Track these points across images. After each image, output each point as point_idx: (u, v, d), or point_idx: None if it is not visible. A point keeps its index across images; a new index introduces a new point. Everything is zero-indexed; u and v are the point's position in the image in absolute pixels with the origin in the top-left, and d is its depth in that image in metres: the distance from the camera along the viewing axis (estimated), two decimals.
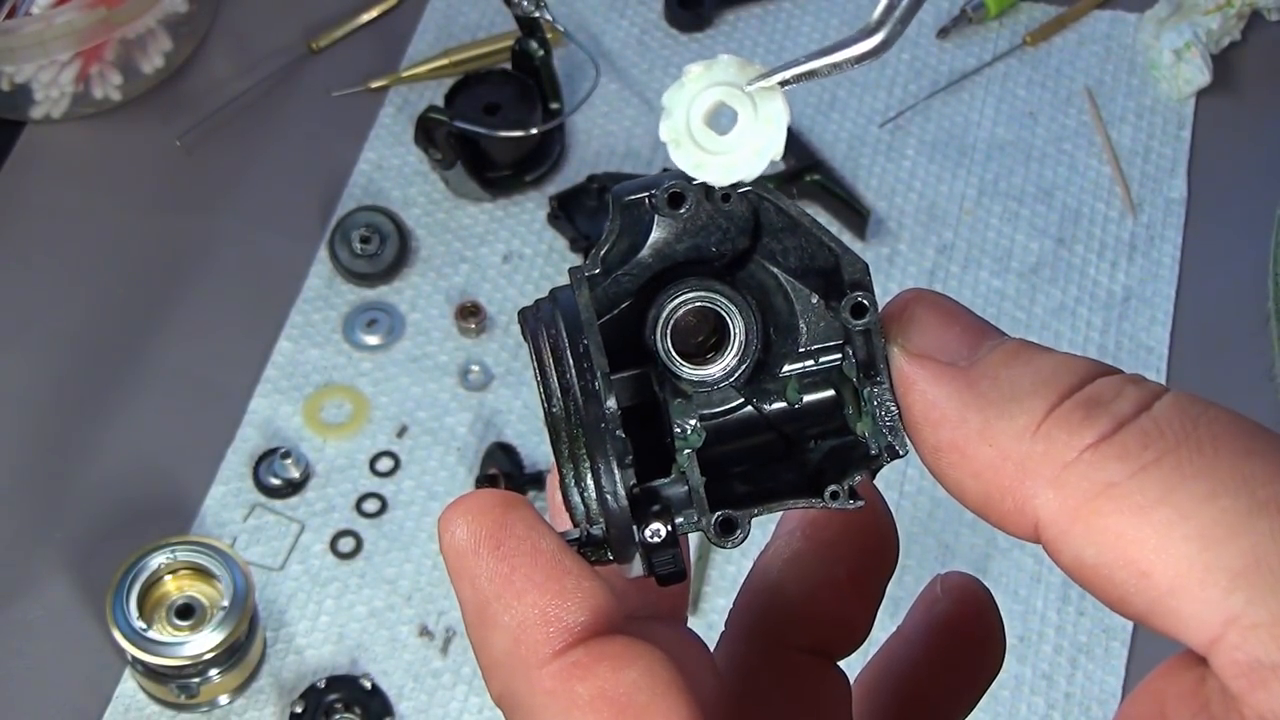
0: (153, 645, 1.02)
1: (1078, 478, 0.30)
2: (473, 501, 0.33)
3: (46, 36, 1.29)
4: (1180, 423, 0.30)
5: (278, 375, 1.22)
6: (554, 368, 0.34)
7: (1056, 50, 1.43)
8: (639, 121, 1.37)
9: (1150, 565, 0.29)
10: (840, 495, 0.33)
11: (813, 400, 0.35)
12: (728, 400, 0.35)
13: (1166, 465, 0.29)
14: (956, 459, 0.32)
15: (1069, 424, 0.30)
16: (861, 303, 0.33)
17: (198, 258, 1.29)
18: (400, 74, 1.39)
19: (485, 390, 1.22)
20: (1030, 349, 0.32)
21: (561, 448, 0.34)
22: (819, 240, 0.34)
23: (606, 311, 0.34)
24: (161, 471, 1.18)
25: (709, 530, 0.33)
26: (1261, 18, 1.43)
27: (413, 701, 1.08)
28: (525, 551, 0.32)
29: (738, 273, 0.34)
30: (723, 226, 0.34)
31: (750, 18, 1.45)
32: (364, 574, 1.14)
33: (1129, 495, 0.29)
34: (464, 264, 1.28)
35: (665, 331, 0.34)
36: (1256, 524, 0.28)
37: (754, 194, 0.34)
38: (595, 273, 0.34)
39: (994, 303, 1.27)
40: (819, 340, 0.34)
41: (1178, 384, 1.22)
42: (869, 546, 0.39)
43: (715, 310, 0.34)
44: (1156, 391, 0.31)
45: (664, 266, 0.34)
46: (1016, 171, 1.35)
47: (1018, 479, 0.30)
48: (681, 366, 0.34)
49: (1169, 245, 1.30)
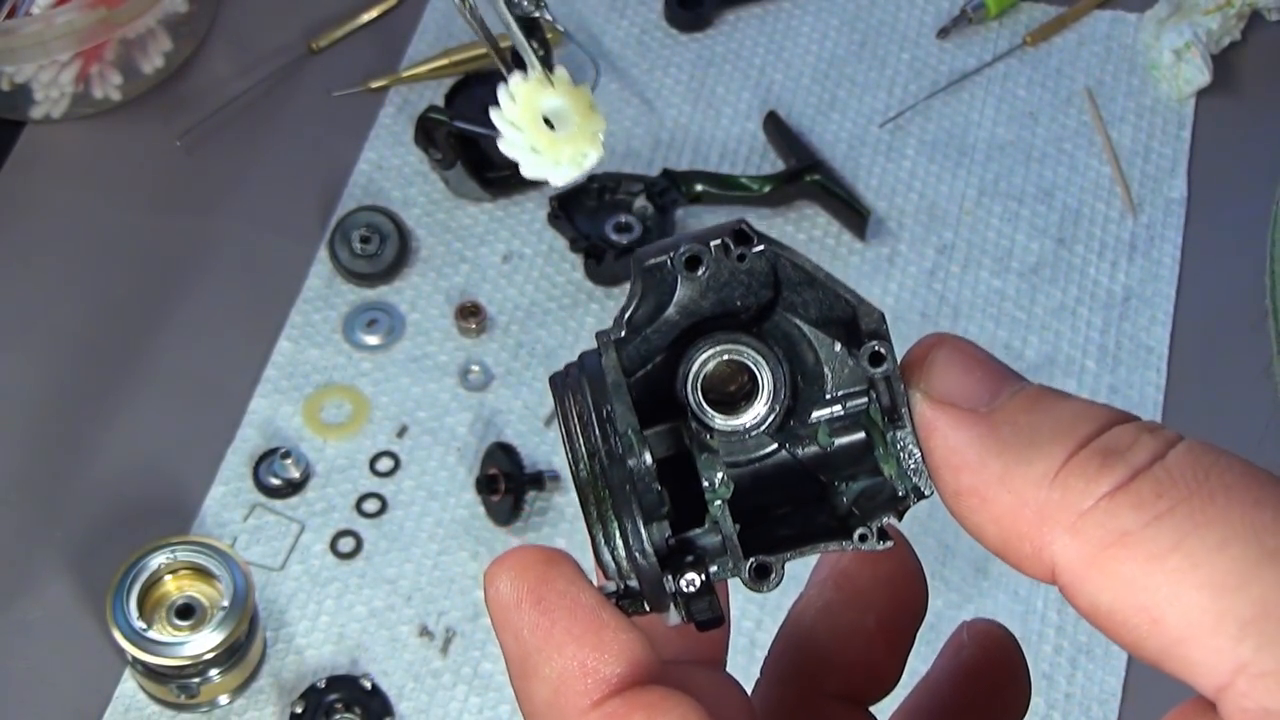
0: (153, 645, 1.02)
1: (1094, 526, 0.30)
2: (517, 558, 0.34)
3: (46, 36, 1.29)
4: (1193, 472, 0.30)
5: (278, 375, 1.22)
6: (580, 432, 0.35)
7: (1056, 50, 1.43)
8: (639, 121, 1.37)
9: (1162, 612, 0.30)
10: (869, 537, 0.35)
11: (844, 444, 0.36)
12: (762, 447, 0.36)
13: (1179, 514, 0.30)
14: (976, 504, 0.33)
15: (1086, 472, 0.31)
16: (879, 351, 0.34)
17: (198, 258, 1.29)
18: (400, 74, 1.39)
19: (485, 390, 1.22)
20: (1050, 396, 0.34)
21: (590, 509, 0.35)
22: (835, 292, 0.35)
23: (638, 368, 0.36)
24: (161, 471, 1.18)
25: (744, 576, 0.34)
26: (1261, 18, 1.43)
27: (413, 701, 1.08)
28: (565, 606, 0.34)
29: (764, 324, 0.36)
30: (744, 282, 0.35)
31: (750, 18, 1.45)
32: (364, 574, 1.14)
33: (1143, 544, 0.30)
34: (464, 264, 1.28)
35: (696, 385, 0.35)
36: (1265, 573, 0.29)
37: (770, 251, 0.35)
38: (620, 336, 0.35)
39: (994, 303, 1.27)
40: (845, 386, 0.36)
41: (1178, 384, 1.22)
42: (897, 596, 0.40)
43: (743, 362, 0.35)
44: (1171, 440, 0.31)
45: (691, 323, 0.35)
46: (1016, 171, 1.35)
47: (1036, 525, 0.31)
48: (714, 418, 0.35)
49: (1169, 245, 1.31)
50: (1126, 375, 1.23)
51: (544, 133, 0.35)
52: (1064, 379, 1.23)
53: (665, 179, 1.29)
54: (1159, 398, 1.22)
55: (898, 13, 1.45)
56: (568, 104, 0.35)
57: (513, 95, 0.35)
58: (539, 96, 0.35)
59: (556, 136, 0.35)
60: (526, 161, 0.35)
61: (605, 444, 0.35)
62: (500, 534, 1.15)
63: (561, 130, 0.35)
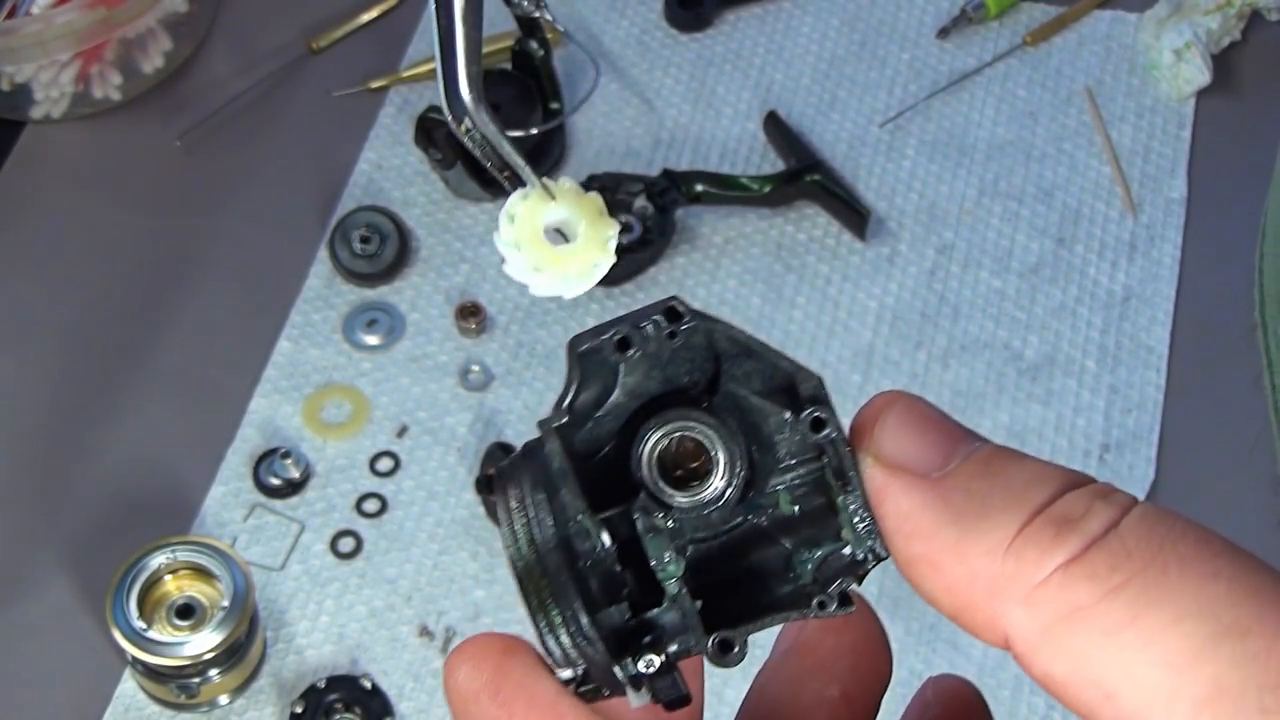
0: (153, 645, 1.02)
1: (1048, 599, 0.30)
2: (475, 647, 0.34)
3: (46, 36, 1.29)
4: (1148, 543, 0.30)
5: (278, 375, 1.22)
6: (518, 521, 0.35)
7: (1056, 50, 1.43)
8: (639, 121, 1.37)
9: (1116, 687, 0.29)
10: (828, 604, 0.34)
11: (806, 511, 0.35)
12: (726, 521, 0.35)
13: (1133, 589, 0.29)
14: (929, 572, 0.32)
15: (1040, 543, 0.31)
16: (819, 417, 0.34)
17: (198, 258, 1.29)
18: (400, 74, 1.39)
19: (485, 390, 1.22)
20: (1002, 458, 0.33)
21: (530, 599, 0.35)
22: (772, 361, 0.35)
23: (594, 454, 0.35)
24: (161, 471, 1.18)
25: (707, 652, 0.34)
26: (1261, 18, 1.43)
27: (413, 701, 1.08)
28: (522, 698, 0.34)
29: (714, 398, 0.35)
30: (686, 358, 0.35)
31: (750, 18, 1.45)
32: (364, 574, 1.14)
33: (1096, 618, 0.29)
34: (464, 264, 1.28)
35: (651, 464, 0.35)
36: (1219, 651, 0.29)
37: (703, 325, 0.35)
38: (562, 422, 0.35)
39: (994, 303, 1.27)
40: (799, 453, 0.35)
41: (1178, 384, 1.22)
42: (860, 665, 0.40)
43: (696, 438, 0.35)
44: (1125, 505, 0.31)
45: (641, 404, 0.35)
46: (1016, 171, 1.35)
47: (989, 596, 0.31)
48: (674, 496, 0.35)
49: (1169, 245, 1.31)
50: (1126, 375, 1.23)
51: (548, 250, 0.35)
52: (1064, 379, 1.23)
53: (665, 179, 1.29)
54: (1159, 398, 1.22)
55: (898, 13, 1.45)
56: (574, 213, 0.35)
57: (511, 216, 0.35)
58: (540, 213, 0.35)
59: (562, 251, 0.35)
60: (532, 283, 0.35)
61: (543, 531, 0.34)
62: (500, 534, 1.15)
63: (569, 242, 0.35)
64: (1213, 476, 1.19)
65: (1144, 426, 1.21)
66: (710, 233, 1.30)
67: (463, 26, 0.33)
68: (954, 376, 1.23)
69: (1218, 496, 1.18)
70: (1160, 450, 1.19)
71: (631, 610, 0.34)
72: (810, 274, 1.29)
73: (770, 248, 1.30)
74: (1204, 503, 1.17)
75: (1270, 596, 0.29)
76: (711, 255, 1.30)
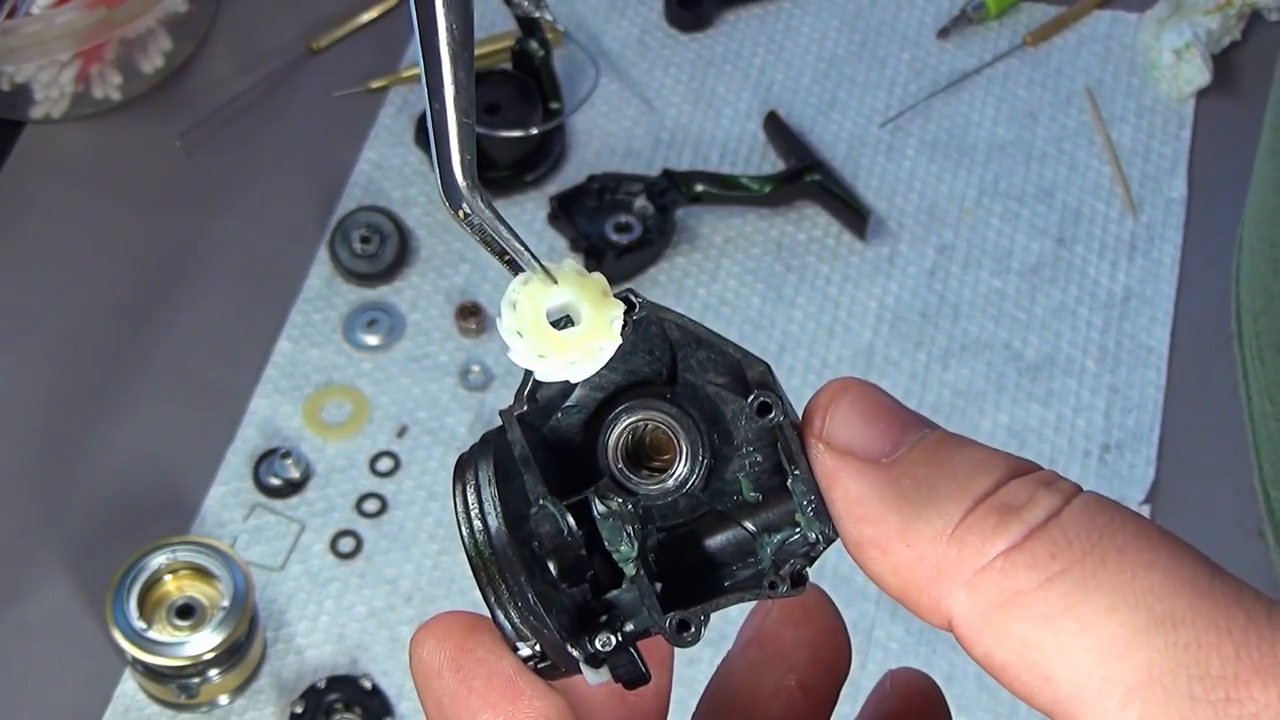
0: (153, 645, 1.02)
1: (989, 584, 0.31)
2: (440, 624, 0.36)
3: (46, 36, 1.29)
4: (1087, 533, 0.31)
5: (278, 375, 1.22)
6: (470, 504, 0.37)
7: (1056, 50, 1.43)
8: (639, 121, 1.37)
9: (1053, 671, 0.31)
10: (779, 584, 0.35)
11: (767, 495, 0.36)
12: (694, 508, 0.37)
13: (1071, 577, 0.30)
14: (877, 555, 0.33)
15: (982, 530, 0.31)
16: (765, 401, 0.35)
17: (198, 258, 1.29)
18: (400, 74, 1.39)
19: (485, 390, 1.22)
20: (950, 445, 0.33)
21: (479, 575, 0.36)
22: (722, 349, 0.36)
23: (563, 444, 0.37)
24: (161, 471, 1.18)
25: (665, 630, 0.35)
26: (1261, 18, 1.43)
27: (413, 701, 1.08)
28: (482, 674, 0.35)
29: (675, 388, 0.37)
30: (645, 349, 0.36)
31: (750, 18, 1.45)
32: (364, 574, 1.14)
33: (1035, 604, 0.31)
34: (464, 264, 1.28)
35: (615, 452, 0.36)
36: (1152, 639, 0.30)
37: (654, 315, 0.36)
38: (522, 410, 0.36)
39: (994, 303, 1.27)
40: (756, 440, 0.36)
41: (1178, 384, 1.22)
42: (819, 656, 0.41)
43: (658, 425, 0.36)
44: (1068, 494, 0.32)
45: (607, 395, 0.37)
46: (1017, 171, 1.35)
47: (933, 580, 0.32)
48: (640, 484, 0.36)
49: (1169, 245, 1.30)
50: (1126, 375, 1.23)
51: (551, 336, 0.36)
52: (1064, 379, 1.23)
53: (665, 179, 1.29)
54: (1159, 398, 1.22)
55: (898, 13, 1.45)
56: (577, 297, 0.36)
57: (513, 303, 0.36)
58: (542, 298, 0.36)
59: (566, 336, 0.36)
60: (537, 369, 0.36)
61: (494, 513, 0.36)
62: None
63: (574, 325, 0.36)
64: (1212, 476, 1.19)
65: (1144, 426, 1.21)
66: (710, 233, 1.30)
67: (455, 114, 0.34)
68: (954, 376, 1.23)
69: (1217, 496, 1.18)
70: (1160, 450, 1.19)
71: (594, 592, 0.36)
72: (810, 274, 1.29)
73: (770, 248, 1.30)
74: (1204, 502, 1.17)
75: (1203, 588, 0.30)
76: (711, 255, 1.30)
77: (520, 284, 0.36)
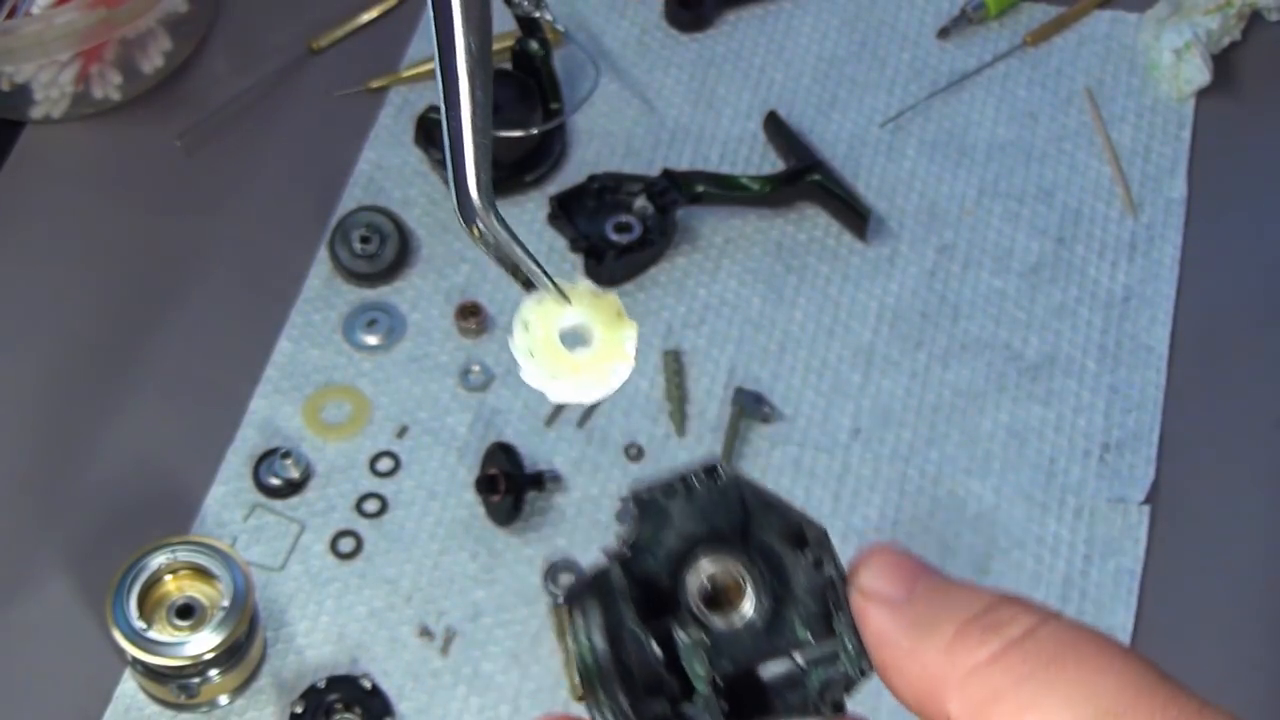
0: (153, 645, 1.02)
1: (975, 686, 0.38)
2: None
3: (46, 36, 1.29)
4: (1055, 644, 0.38)
5: (278, 375, 1.22)
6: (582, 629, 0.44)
7: (1056, 50, 1.43)
8: (639, 121, 1.37)
9: None
10: (823, 709, 0.43)
11: (816, 635, 0.44)
12: (755, 641, 0.44)
13: (1039, 678, 0.37)
14: (896, 673, 0.41)
15: (969, 645, 0.39)
16: (819, 559, 0.43)
17: (198, 258, 1.29)
18: (400, 74, 1.39)
19: (486, 390, 1.22)
20: (948, 586, 0.41)
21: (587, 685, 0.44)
22: (785, 513, 0.44)
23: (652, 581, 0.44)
24: (161, 471, 1.18)
25: None
26: (1261, 18, 1.43)
27: (413, 701, 1.08)
28: None
29: (747, 542, 0.44)
30: (723, 507, 0.44)
31: (750, 18, 1.45)
32: (364, 574, 1.14)
33: (1010, 700, 0.37)
34: (464, 264, 1.28)
35: (695, 593, 0.44)
36: None
37: (733, 481, 0.44)
38: (627, 555, 0.44)
39: (994, 303, 1.27)
40: (809, 589, 0.44)
41: (1178, 384, 1.22)
42: None
43: (729, 571, 0.44)
44: (1045, 618, 0.39)
45: (690, 545, 0.44)
46: (1017, 171, 1.35)
47: (936, 687, 0.39)
48: (712, 619, 0.43)
49: (1169, 245, 1.31)
50: (1126, 375, 1.23)
51: (564, 357, 0.36)
52: (1064, 379, 1.23)
53: (665, 179, 1.29)
54: (1159, 398, 1.22)
55: (898, 13, 1.45)
56: (590, 318, 0.36)
57: (526, 323, 0.36)
58: (555, 318, 0.36)
59: (579, 357, 0.36)
60: (549, 390, 0.36)
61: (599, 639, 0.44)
62: (500, 534, 1.15)
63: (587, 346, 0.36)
64: (1213, 476, 1.19)
65: (1144, 426, 1.21)
66: (710, 233, 1.31)
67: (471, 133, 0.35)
68: (954, 376, 1.23)
69: (1217, 496, 1.18)
70: (1160, 450, 1.19)
71: (670, 705, 0.43)
72: (810, 274, 1.29)
73: (770, 248, 1.30)
74: (1203, 502, 1.17)
75: (1146, 687, 0.36)
76: (712, 255, 1.30)
77: (534, 303, 0.36)
